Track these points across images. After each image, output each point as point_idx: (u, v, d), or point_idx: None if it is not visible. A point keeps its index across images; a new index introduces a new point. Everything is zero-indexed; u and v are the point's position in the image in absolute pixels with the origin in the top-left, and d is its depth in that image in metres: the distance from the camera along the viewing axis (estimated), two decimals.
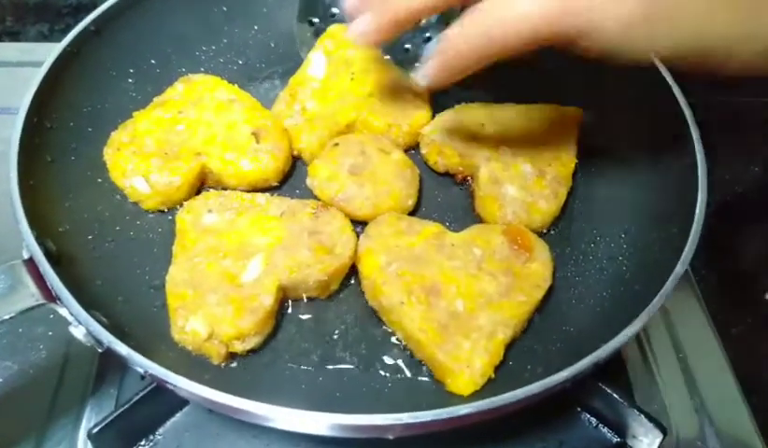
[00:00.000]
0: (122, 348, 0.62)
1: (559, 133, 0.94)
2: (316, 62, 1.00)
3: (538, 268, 0.80)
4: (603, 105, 0.98)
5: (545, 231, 0.88)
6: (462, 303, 0.75)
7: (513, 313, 0.75)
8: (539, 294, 0.78)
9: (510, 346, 0.76)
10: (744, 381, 0.92)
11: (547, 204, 0.87)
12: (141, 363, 0.61)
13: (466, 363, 0.71)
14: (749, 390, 0.92)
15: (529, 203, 0.86)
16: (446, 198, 0.93)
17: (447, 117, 0.95)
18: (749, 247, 1.18)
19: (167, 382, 0.60)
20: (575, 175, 0.93)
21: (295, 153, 0.94)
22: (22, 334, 0.88)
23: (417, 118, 0.95)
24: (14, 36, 1.46)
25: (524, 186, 0.87)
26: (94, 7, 0.93)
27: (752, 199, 1.24)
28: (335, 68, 0.99)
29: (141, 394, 0.75)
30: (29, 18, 1.51)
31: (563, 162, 0.91)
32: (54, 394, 0.84)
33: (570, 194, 0.91)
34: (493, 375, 0.72)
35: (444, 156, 0.92)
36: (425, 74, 0.70)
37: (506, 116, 0.95)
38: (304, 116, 0.95)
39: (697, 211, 0.77)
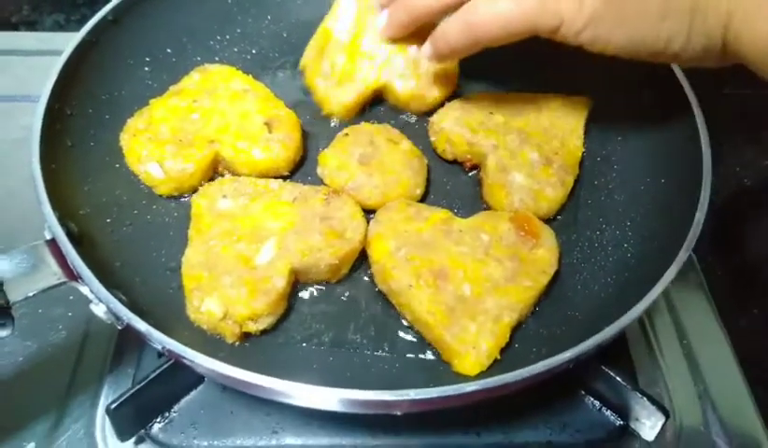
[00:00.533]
0: (142, 325, 0.64)
1: (567, 122, 0.95)
2: (345, 7, 0.99)
3: (544, 254, 0.82)
4: (611, 95, 0.99)
5: (551, 218, 0.90)
6: (469, 287, 0.77)
7: (519, 297, 0.77)
8: (545, 280, 0.80)
9: (516, 330, 0.78)
10: (749, 372, 0.93)
11: (553, 192, 0.88)
12: (160, 339, 0.64)
13: (472, 345, 0.73)
14: (755, 381, 0.93)
15: (536, 190, 0.88)
16: (454, 186, 0.95)
17: (455, 105, 0.96)
18: (757, 239, 1.19)
19: (185, 357, 0.63)
20: (582, 163, 0.95)
21: (325, 114, 0.99)
22: (42, 315, 0.91)
23: (440, 90, 0.98)
24: (31, 26, 1.49)
25: (531, 174, 0.89)
26: None
27: (761, 191, 1.25)
28: (364, 16, 0.98)
29: (157, 372, 0.78)
30: (45, 7, 1.53)
31: (571, 151, 0.93)
32: (73, 372, 0.87)
33: (577, 182, 0.93)
34: (499, 357, 0.74)
35: (452, 144, 0.93)
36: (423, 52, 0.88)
37: (514, 104, 0.97)
38: (333, 76, 0.97)
39: (701, 198, 0.78)
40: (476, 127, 0.93)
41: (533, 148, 0.91)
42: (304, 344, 0.79)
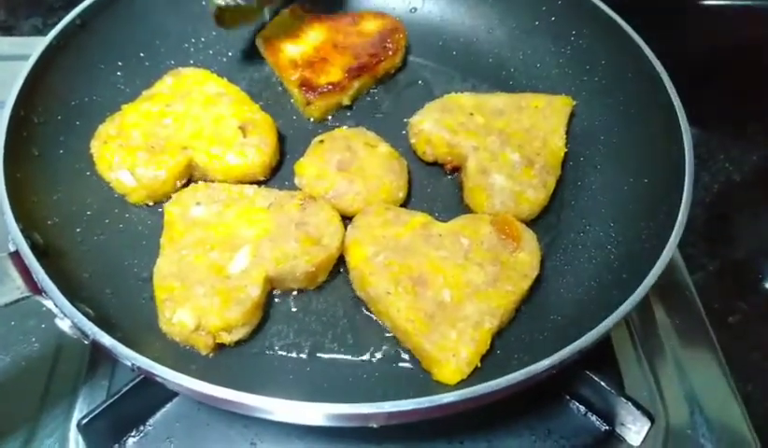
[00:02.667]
0: (107, 340, 0.62)
1: (548, 122, 0.94)
2: None
3: (525, 257, 0.80)
4: (593, 95, 0.98)
5: (533, 219, 0.88)
6: (449, 293, 0.75)
7: (500, 302, 0.76)
8: (526, 284, 0.78)
9: (497, 336, 0.77)
10: (739, 369, 0.92)
11: (535, 194, 0.87)
12: (126, 355, 0.61)
13: (452, 352, 0.71)
14: (745, 378, 0.92)
15: (517, 192, 0.86)
16: (435, 188, 0.93)
17: (435, 105, 0.94)
18: (748, 235, 1.18)
19: (153, 373, 0.61)
20: (564, 163, 0.93)
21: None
22: (15, 327, 0.89)
23: None
24: (8, 31, 1.46)
25: (512, 175, 0.87)
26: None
27: (750, 185, 1.24)
28: None
29: (130, 385, 0.76)
30: (22, 12, 1.51)
31: (552, 151, 0.91)
32: (46, 385, 0.84)
33: (559, 183, 0.91)
34: (480, 364, 0.72)
35: (432, 146, 0.92)
36: None
37: (495, 105, 0.95)
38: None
39: (683, 199, 0.76)
40: (456, 128, 0.91)
41: (515, 149, 0.89)
42: (280, 354, 0.77)
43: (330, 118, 1.00)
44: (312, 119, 0.99)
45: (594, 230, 0.88)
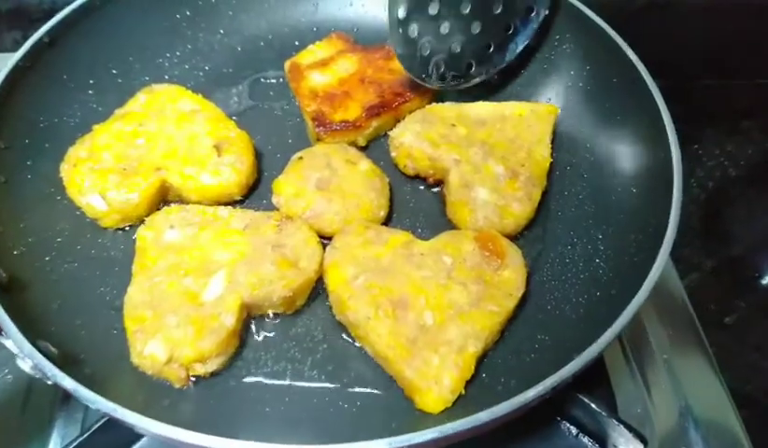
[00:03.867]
0: (69, 382, 0.59)
1: (533, 131, 0.91)
2: None
3: (511, 275, 0.77)
4: (577, 103, 0.95)
5: (518, 233, 0.85)
6: (432, 315, 0.72)
7: (484, 324, 0.73)
8: (511, 303, 0.75)
9: (482, 359, 0.74)
10: (737, 371, 0.90)
11: (520, 207, 0.84)
12: (88, 398, 0.59)
13: (434, 379, 0.68)
14: (743, 379, 0.91)
15: (501, 206, 0.83)
16: (418, 203, 0.91)
17: (416, 117, 0.91)
18: (744, 231, 1.16)
19: (116, 417, 0.58)
20: (550, 173, 0.90)
21: None
22: None
23: None
24: None
25: (496, 188, 0.84)
26: None
27: (747, 181, 1.22)
28: None
29: (103, 420, 0.73)
30: (2, 25, 1.47)
31: (537, 162, 0.88)
32: (20, 419, 0.82)
33: (545, 193, 0.88)
34: (464, 391, 0.69)
35: (413, 159, 0.89)
36: None
37: (478, 114, 0.92)
38: None
39: (671, 214, 0.73)
40: (437, 140, 0.88)
41: (498, 161, 0.86)
42: (257, 385, 0.74)
43: None
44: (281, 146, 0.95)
45: (582, 242, 0.86)
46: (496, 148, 0.88)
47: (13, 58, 0.86)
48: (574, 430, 0.80)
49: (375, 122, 0.94)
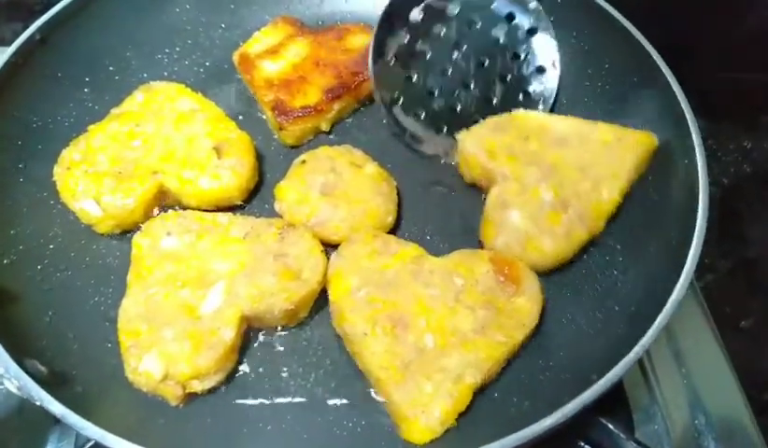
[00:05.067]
0: (56, 407, 0.56)
1: (611, 162, 0.80)
2: None
3: (525, 304, 0.71)
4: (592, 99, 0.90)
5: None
6: (432, 338, 0.68)
7: (488, 354, 0.67)
8: (521, 335, 0.70)
9: (483, 389, 0.69)
10: (753, 377, 0.87)
11: (552, 244, 0.75)
12: (76, 424, 0.55)
13: (422, 408, 0.64)
14: (760, 386, 0.87)
15: (531, 236, 0.75)
16: (428, 208, 0.86)
17: (490, 123, 0.85)
18: (761, 232, 1.11)
19: (105, 445, 0.54)
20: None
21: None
22: None
23: None
24: None
25: (534, 216, 0.76)
26: None
27: (764, 179, 1.17)
28: None
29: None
30: (1, 17, 1.44)
31: (598, 199, 0.78)
32: (12, 438, 0.78)
33: None
34: (456, 423, 0.65)
35: (468, 165, 0.83)
36: None
37: (560, 131, 0.83)
38: None
39: (696, 229, 0.69)
40: (498, 151, 0.81)
41: (551, 187, 0.78)
42: (257, 403, 0.70)
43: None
44: (285, 145, 0.92)
45: (599, 251, 0.81)
46: (559, 172, 0.79)
47: (4, 55, 0.82)
48: None
49: (336, 105, 0.92)
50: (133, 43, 0.96)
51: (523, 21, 0.90)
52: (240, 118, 0.92)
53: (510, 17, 0.90)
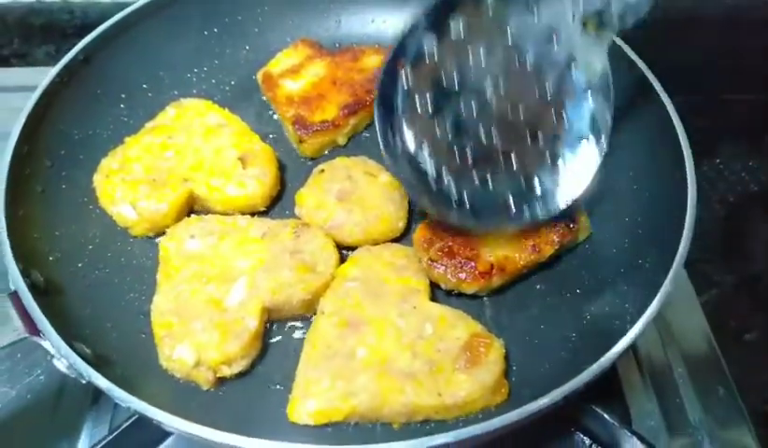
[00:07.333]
0: (103, 382, 0.62)
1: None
2: None
3: (464, 382, 0.70)
4: None
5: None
6: (364, 353, 0.72)
7: (386, 395, 0.70)
8: (434, 401, 0.69)
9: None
10: (756, 390, 0.90)
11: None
12: (121, 397, 0.62)
13: (304, 394, 0.70)
14: (762, 399, 0.90)
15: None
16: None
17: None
18: (765, 248, 1.15)
19: (148, 416, 0.61)
20: None
21: None
22: (20, 360, 0.89)
23: None
24: (22, 58, 1.47)
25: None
26: (98, 26, 0.95)
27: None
28: None
29: (132, 419, 0.76)
30: (35, 40, 1.51)
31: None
32: (51, 419, 0.85)
33: None
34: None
35: None
36: None
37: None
38: None
39: (686, 222, 0.74)
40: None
41: None
42: (281, 387, 0.76)
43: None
44: (304, 157, 0.99)
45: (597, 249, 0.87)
46: None
47: (50, 73, 0.90)
48: (587, 441, 0.81)
49: (352, 120, 0.99)
50: (165, 63, 1.04)
51: None
52: (263, 131, 0.99)
53: None
